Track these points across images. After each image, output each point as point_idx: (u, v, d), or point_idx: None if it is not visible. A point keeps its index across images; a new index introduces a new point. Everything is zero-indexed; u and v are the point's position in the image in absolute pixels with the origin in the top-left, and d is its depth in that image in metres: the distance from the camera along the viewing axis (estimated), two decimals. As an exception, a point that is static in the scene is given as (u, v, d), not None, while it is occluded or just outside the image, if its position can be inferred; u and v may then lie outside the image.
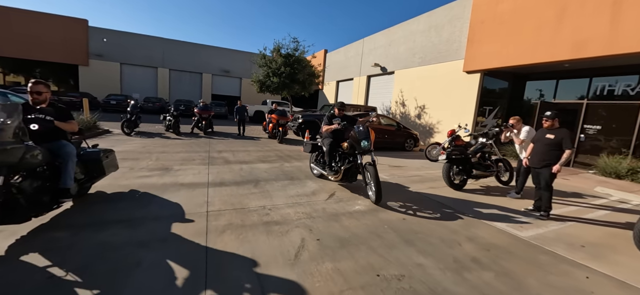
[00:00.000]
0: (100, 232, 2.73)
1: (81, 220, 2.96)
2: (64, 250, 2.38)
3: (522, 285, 2.37)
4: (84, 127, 8.49)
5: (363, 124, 4.45)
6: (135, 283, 2.04)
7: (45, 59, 20.64)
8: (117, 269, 2.18)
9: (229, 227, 3.02)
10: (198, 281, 2.12)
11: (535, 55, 9.23)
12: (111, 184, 4.15)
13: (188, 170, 5.28)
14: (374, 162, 4.15)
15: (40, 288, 1.92)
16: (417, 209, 4.07)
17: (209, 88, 25.52)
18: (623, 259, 2.99)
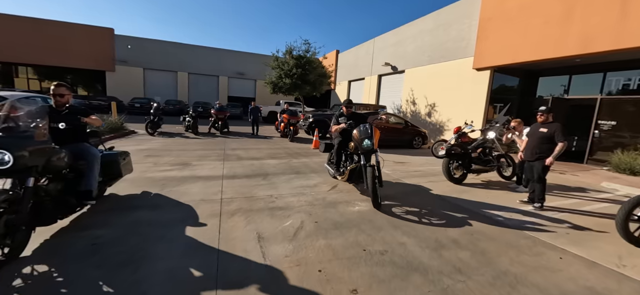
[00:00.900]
0: (131, 214, 3.24)
1: (116, 206, 3.49)
2: (101, 226, 2.90)
3: (493, 261, 2.65)
4: (112, 128, 9.32)
5: (368, 123, 4.28)
6: (162, 249, 2.51)
7: (75, 66, 22.21)
8: (146, 239, 2.67)
9: (238, 211, 3.48)
10: (212, 247, 2.58)
11: (543, 51, 9.18)
12: (138, 176, 4.72)
13: (205, 165, 5.83)
14: (376, 163, 3.93)
15: (88, 249, 2.43)
16: (410, 199, 4.37)
17: (225, 90, 26.50)
18: (602, 244, 3.18)
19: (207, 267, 2.31)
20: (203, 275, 2.20)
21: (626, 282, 2.47)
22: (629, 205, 3.18)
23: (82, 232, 2.74)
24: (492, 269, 2.53)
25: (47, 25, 21.24)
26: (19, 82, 22.63)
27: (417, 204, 4.17)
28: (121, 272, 2.16)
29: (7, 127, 2.29)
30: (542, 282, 2.37)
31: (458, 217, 3.76)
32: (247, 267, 2.33)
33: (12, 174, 2.25)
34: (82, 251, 2.42)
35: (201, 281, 2.12)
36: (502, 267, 2.56)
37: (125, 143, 8.09)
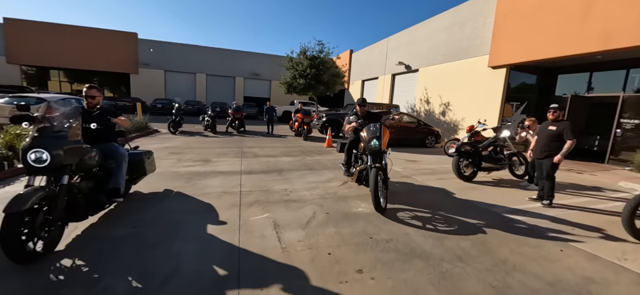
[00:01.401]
0: (162, 204, 3.62)
1: (146, 199, 3.89)
2: (138, 212, 3.28)
3: (493, 251, 2.81)
4: (138, 127, 9.95)
5: (379, 122, 4.11)
6: (187, 234, 2.85)
7: (102, 69, 23.53)
8: (176, 223, 3.02)
9: (256, 202, 3.79)
10: (233, 231, 2.89)
11: (561, 48, 8.99)
12: (165, 171, 5.15)
13: (224, 162, 6.21)
14: (383, 166, 3.74)
15: (128, 232, 2.79)
16: (418, 195, 4.53)
17: (241, 90, 27.23)
18: (607, 240, 3.25)
19: (230, 247, 2.62)
20: (226, 253, 2.51)
21: (624, 273, 2.57)
22: (634, 201, 3.23)
23: (120, 219, 3.12)
24: (491, 257, 2.69)
25: (76, 31, 22.64)
26: (52, 84, 24.25)
27: (424, 199, 4.34)
28: (156, 250, 2.51)
29: (44, 127, 2.43)
30: (539, 271, 2.51)
31: (463, 212, 3.90)
32: (264, 249, 2.61)
33: (49, 172, 2.36)
34: (123, 234, 2.78)
35: (225, 257, 2.43)
36: (501, 256, 2.71)
37: (150, 141, 8.65)
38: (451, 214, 3.77)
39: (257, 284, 2.12)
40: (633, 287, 2.38)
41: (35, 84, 22.89)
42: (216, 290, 2.02)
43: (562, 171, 7.15)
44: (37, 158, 2.26)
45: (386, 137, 3.93)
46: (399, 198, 4.31)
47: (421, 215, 3.66)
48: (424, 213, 3.74)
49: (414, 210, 3.80)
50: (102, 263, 2.26)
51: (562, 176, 6.61)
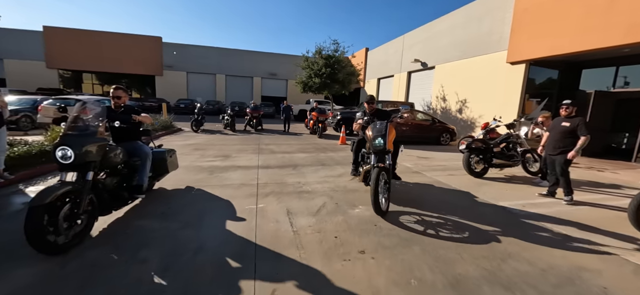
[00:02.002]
0: (189, 194, 4.04)
1: (174, 190, 4.34)
2: (167, 202, 3.71)
3: (491, 239, 2.97)
4: (164, 126, 10.66)
5: (386, 121, 3.92)
6: (213, 217, 3.22)
7: (129, 71, 24.99)
8: (201, 210, 3.41)
9: (271, 193, 4.14)
10: (251, 217, 3.24)
11: (584, 42, 8.71)
12: (190, 164, 5.62)
13: (242, 157, 6.64)
14: (387, 166, 3.56)
15: (160, 215, 3.21)
16: (427, 189, 4.70)
17: (258, 90, 27.98)
18: (612, 234, 3.30)
19: (248, 228, 2.97)
20: (245, 234, 2.85)
21: (614, 262, 2.66)
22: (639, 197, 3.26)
23: (152, 208, 3.56)
24: (489, 246, 2.86)
25: (107, 37, 24.18)
26: (85, 87, 26.07)
27: (430, 192, 4.51)
28: (188, 228, 2.90)
29: (72, 126, 2.60)
30: (534, 258, 2.66)
31: (468, 205, 4.05)
32: (278, 230, 2.94)
33: (74, 168, 2.50)
34: (155, 219, 3.20)
35: (244, 237, 2.77)
36: (500, 246, 2.88)
37: (175, 139, 9.27)
38: (455, 205, 3.93)
39: (271, 258, 2.44)
40: (627, 275, 2.48)
41: (71, 87, 24.69)
42: (237, 262, 2.36)
43: (580, 169, 7.02)
44: (62, 155, 2.41)
45: (392, 136, 3.75)
46: (405, 191, 4.51)
47: (425, 206, 3.85)
48: (429, 209, 3.92)
49: (419, 201, 3.99)
50: (139, 241, 2.65)
51: (581, 173, 6.50)
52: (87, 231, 2.58)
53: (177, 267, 2.28)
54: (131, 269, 2.23)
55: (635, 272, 2.54)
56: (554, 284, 2.27)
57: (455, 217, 3.55)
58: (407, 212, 3.61)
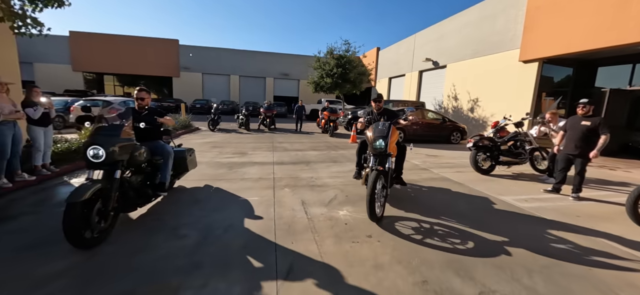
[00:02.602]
0: (213, 184, 4.45)
1: (201, 184, 4.76)
2: (193, 192, 4.12)
3: (487, 226, 3.21)
4: (183, 125, 11.24)
5: (390, 121, 3.77)
6: (235, 205, 3.60)
7: (148, 73, 26.05)
8: (226, 198, 3.80)
9: (287, 186, 4.50)
10: (269, 205, 3.60)
11: (598, 40, 8.65)
12: (210, 160, 6.06)
13: (258, 154, 7.04)
14: (386, 170, 3.36)
15: (190, 203, 3.61)
16: (434, 184, 4.94)
17: (271, 90, 28.56)
18: (608, 225, 3.46)
19: (267, 215, 3.33)
20: (265, 218, 3.23)
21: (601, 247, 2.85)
22: (638, 190, 3.41)
23: (185, 197, 3.97)
24: (483, 231, 3.11)
25: (127, 40, 25.31)
26: (107, 88, 27.37)
27: (437, 187, 4.75)
28: (216, 212, 3.31)
29: (101, 126, 2.70)
30: (521, 241, 2.89)
31: (470, 198, 4.27)
32: (294, 218, 3.28)
33: (104, 166, 2.59)
34: (189, 204, 3.61)
35: (264, 221, 3.13)
36: (493, 231, 3.11)
37: (193, 137, 9.80)
38: (459, 198, 4.16)
39: (289, 238, 2.79)
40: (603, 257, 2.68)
41: (94, 88, 25.98)
42: (260, 239, 2.73)
43: (592, 167, 7.02)
44: (94, 154, 2.49)
45: (394, 139, 3.56)
46: (414, 185, 4.76)
47: (429, 199, 4.10)
48: (432, 197, 4.17)
49: (425, 194, 4.24)
50: (176, 224, 3.05)
51: (592, 172, 6.51)
52: (112, 228, 2.68)
53: (211, 240, 2.69)
54: (174, 242, 2.64)
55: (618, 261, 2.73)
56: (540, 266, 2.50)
57: (458, 207, 3.79)
58: (414, 202, 3.88)
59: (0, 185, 3.84)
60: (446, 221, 3.35)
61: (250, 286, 2.08)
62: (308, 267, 2.34)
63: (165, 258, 2.39)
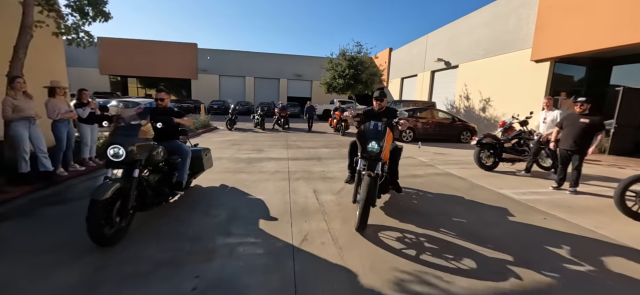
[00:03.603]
0: (236, 177, 5.00)
1: (222, 172, 5.33)
2: (217, 184, 4.68)
3: (479, 212, 3.57)
4: (203, 125, 11.97)
5: (385, 122, 3.32)
6: (256, 193, 4.12)
7: (167, 76, 27.30)
8: (249, 186, 4.33)
9: (301, 178, 4.99)
10: (285, 193, 4.11)
11: (611, 39, 8.68)
12: (231, 156, 6.65)
13: (274, 151, 7.59)
14: (376, 175, 2.95)
15: (217, 191, 4.16)
16: (436, 178, 5.30)
17: (285, 91, 29.27)
18: (597, 215, 3.73)
19: (283, 201, 3.83)
20: (282, 203, 3.73)
21: (584, 233, 3.16)
22: (625, 183, 3.67)
23: (213, 186, 4.54)
24: (475, 216, 3.47)
25: (148, 45, 26.67)
26: (131, 90, 28.92)
27: (439, 179, 5.10)
28: (240, 197, 3.84)
29: (120, 126, 2.77)
30: (507, 225, 3.23)
31: (472, 190, 4.60)
32: (307, 203, 3.76)
33: (123, 165, 2.64)
34: (218, 191, 4.16)
35: (282, 205, 3.63)
36: (483, 218, 3.47)
37: (213, 136, 10.48)
38: (459, 190, 4.51)
39: (302, 218, 3.27)
40: (591, 244, 2.99)
41: (119, 90, 27.52)
42: (279, 218, 3.24)
43: (602, 166, 7.14)
44: (114, 153, 2.55)
45: (389, 141, 3.23)
46: (417, 176, 5.14)
47: (430, 190, 4.48)
48: (433, 189, 4.54)
49: (426, 184, 4.62)
50: (207, 205, 3.60)
51: (601, 170, 6.64)
52: (128, 227, 2.71)
53: (238, 218, 3.21)
54: (207, 219, 3.18)
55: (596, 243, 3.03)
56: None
57: (456, 197, 4.16)
58: (414, 193, 4.27)
59: (59, 173, 4.54)
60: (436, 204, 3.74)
61: (272, 249, 2.58)
62: (317, 238, 2.81)
63: (204, 228, 2.94)
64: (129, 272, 2.17)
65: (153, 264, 2.29)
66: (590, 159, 7.81)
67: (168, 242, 2.66)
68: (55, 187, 4.15)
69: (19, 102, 3.90)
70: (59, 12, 4.81)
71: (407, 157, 7.48)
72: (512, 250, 2.71)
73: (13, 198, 3.66)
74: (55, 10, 4.85)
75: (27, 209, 3.39)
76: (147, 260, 2.34)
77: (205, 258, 2.41)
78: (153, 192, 3.03)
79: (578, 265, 2.51)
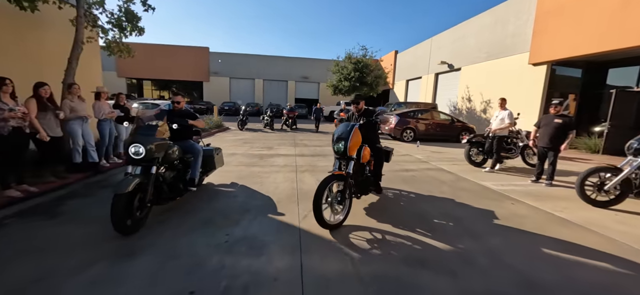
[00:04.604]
0: (249, 168, 5.76)
1: (238, 166, 6.09)
2: (233, 176, 5.44)
3: (456, 195, 4.21)
4: (216, 125, 12.83)
5: (353, 123, 3.46)
6: (268, 181, 4.86)
7: (180, 78, 28.52)
8: (260, 178, 5.07)
9: (307, 171, 5.72)
10: (293, 182, 4.83)
11: (603, 43, 9.14)
12: (244, 152, 7.43)
13: (282, 148, 8.35)
14: (346, 173, 3.18)
15: (233, 182, 4.91)
16: (428, 172, 5.94)
17: (292, 93, 30.13)
18: (561, 202, 4.32)
19: (292, 188, 4.55)
20: (290, 190, 4.44)
21: (543, 214, 3.77)
22: (584, 174, 4.26)
23: (227, 178, 5.30)
24: (451, 197, 4.12)
25: (162, 49, 27.90)
26: (146, 92, 30.23)
27: (429, 173, 5.74)
28: (253, 187, 4.57)
29: (140, 127, 3.00)
30: (478, 207, 3.87)
31: (457, 182, 5.23)
32: (311, 189, 4.44)
33: (143, 163, 2.85)
34: (238, 184, 4.91)
35: (290, 191, 4.34)
36: (459, 201, 4.11)
37: (226, 135, 11.31)
38: (445, 182, 5.14)
39: (307, 201, 3.97)
40: (545, 221, 3.60)
41: (135, 92, 28.85)
42: (287, 200, 3.95)
43: (592, 164, 7.61)
44: (135, 151, 2.77)
45: (355, 140, 3.26)
46: (411, 171, 5.79)
47: (421, 183, 5.13)
48: (424, 181, 5.19)
49: (418, 178, 5.27)
50: (228, 189, 4.35)
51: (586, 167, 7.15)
52: (145, 220, 2.95)
53: (253, 200, 3.95)
54: (229, 200, 3.93)
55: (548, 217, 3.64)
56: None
57: (442, 186, 4.81)
58: (406, 182, 4.93)
59: (102, 164, 5.38)
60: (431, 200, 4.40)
61: (283, 220, 3.31)
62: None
63: (228, 206, 3.69)
64: (179, 230, 2.93)
65: (193, 228, 3.03)
66: (584, 158, 8.32)
67: (202, 213, 3.41)
68: (101, 175, 4.98)
69: (75, 104, 4.74)
70: (103, 28, 5.66)
71: (405, 154, 8.13)
72: (463, 225, 3.37)
73: (71, 183, 4.49)
74: (98, 26, 5.72)
75: (84, 191, 4.20)
76: (188, 225, 3.09)
77: (232, 224, 3.15)
78: (168, 187, 3.28)
79: (522, 234, 3.15)
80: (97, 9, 5.41)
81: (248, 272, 2.30)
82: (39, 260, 2.35)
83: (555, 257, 2.71)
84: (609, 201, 4.16)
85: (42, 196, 3.86)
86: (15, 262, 2.35)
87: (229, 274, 2.26)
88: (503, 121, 6.23)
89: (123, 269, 2.27)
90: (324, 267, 2.41)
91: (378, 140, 3.95)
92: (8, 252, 2.49)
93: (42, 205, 3.58)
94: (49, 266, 2.27)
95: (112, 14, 5.69)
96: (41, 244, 2.63)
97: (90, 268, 2.26)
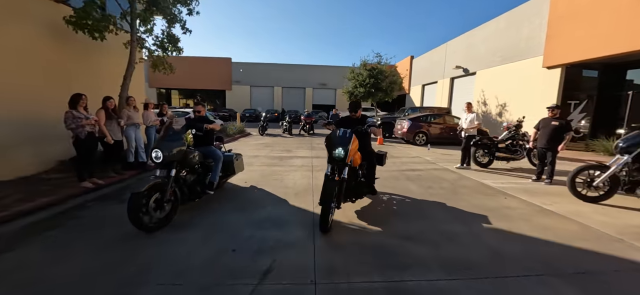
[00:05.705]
0: (271, 169, 6.55)
1: (262, 165, 6.90)
2: (259, 171, 6.23)
3: (455, 192, 4.73)
4: (239, 130, 13.86)
5: (350, 129, 3.45)
6: (287, 178, 5.60)
7: (204, 87, 30.30)
8: (283, 176, 5.83)
9: (321, 170, 6.42)
10: (308, 178, 5.54)
11: (617, 46, 9.17)
12: (265, 155, 8.26)
13: (300, 151, 9.13)
14: (342, 179, 3.26)
15: (260, 178, 5.70)
16: (433, 172, 6.45)
17: (310, 99, 31.08)
18: (553, 197, 4.71)
19: (308, 183, 5.26)
20: (306, 184, 5.15)
21: (532, 207, 4.21)
22: (575, 171, 4.63)
23: (250, 175, 6.11)
24: (450, 193, 4.64)
25: (188, 60, 29.81)
26: (173, 101, 32.36)
27: (434, 172, 6.26)
28: (275, 182, 5.32)
29: (165, 135, 3.36)
30: (473, 201, 4.37)
31: (459, 180, 5.72)
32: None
33: (162, 166, 3.20)
34: (260, 179, 5.71)
35: (306, 184, 5.05)
36: (457, 196, 4.63)
37: (248, 140, 12.26)
38: (445, 180, 5.65)
39: (321, 194, 4.67)
40: (532, 212, 4.05)
41: (165, 101, 30.97)
42: (304, 192, 4.66)
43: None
44: (155, 156, 3.15)
45: (354, 147, 3.34)
46: (416, 170, 6.33)
47: (424, 180, 5.67)
48: (426, 179, 5.72)
49: (422, 176, 5.81)
50: (253, 185, 5.13)
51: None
52: (169, 219, 3.24)
53: (275, 192, 4.70)
54: (255, 193, 4.71)
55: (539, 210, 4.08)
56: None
57: (443, 183, 5.33)
58: (408, 179, 5.50)
59: (149, 163, 6.35)
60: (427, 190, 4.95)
61: (300, 207, 4.02)
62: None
63: (254, 196, 4.47)
64: (219, 213, 3.72)
65: (229, 211, 3.81)
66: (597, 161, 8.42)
67: (236, 202, 4.20)
68: (148, 173, 5.95)
69: (131, 113, 5.76)
70: (149, 49, 6.73)
71: (415, 156, 8.63)
72: (453, 213, 3.91)
73: (127, 178, 5.47)
74: (145, 47, 6.79)
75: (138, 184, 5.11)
76: (225, 210, 3.88)
77: (259, 207, 3.93)
78: (188, 189, 3.58)
79: (507, 221, 3.65)
80: (146, 34, 6.47)
81: (273, 239, 3.03)
82: (122, 227, 3.20)
83: (528, 238, 3.22)
84: (599, 196, 4.51)
85: (108, 187, 4.84)
86: (108, 227, 3.24)
87: (259, 238, 3.01)
88: (472, 122, 6.97)
89: (180, 236, 3.07)
90: (332, 238, 3.09)
91: (370, 145, 4.11)
92: (103, 223, 3.40)
93: (110, 194, 4.54)
94: (129, 230, 3.10)
95: (157, 37, 6.74)
96: (119, 218, 3.50)
97: (156, 235, 3.08)
